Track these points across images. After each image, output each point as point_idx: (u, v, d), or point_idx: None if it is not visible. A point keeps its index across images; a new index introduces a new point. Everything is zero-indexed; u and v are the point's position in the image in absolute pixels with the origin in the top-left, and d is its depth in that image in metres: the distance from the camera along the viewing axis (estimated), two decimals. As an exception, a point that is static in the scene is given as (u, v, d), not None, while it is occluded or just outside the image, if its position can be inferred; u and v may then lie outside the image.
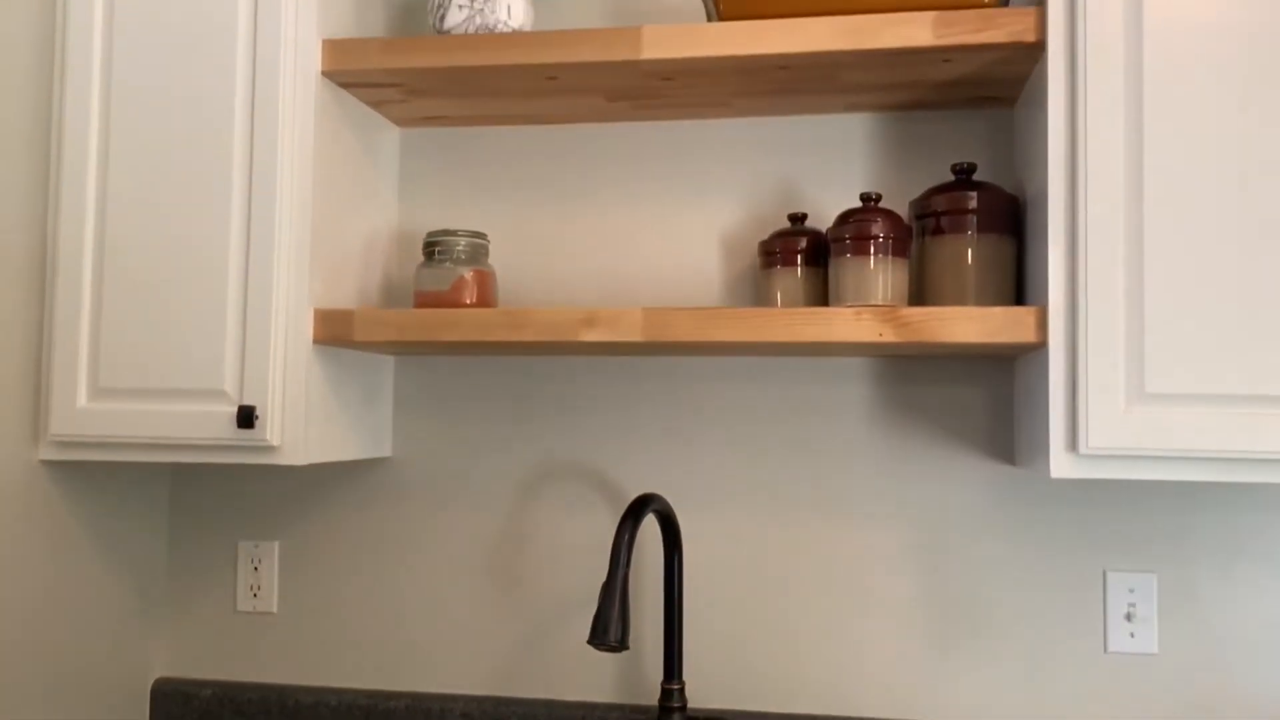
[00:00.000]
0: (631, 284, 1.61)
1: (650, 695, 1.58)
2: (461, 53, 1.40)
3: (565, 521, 1.61)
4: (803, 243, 1.43)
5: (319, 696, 1.64)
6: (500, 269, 1.65)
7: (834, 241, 1.37)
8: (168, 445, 1.39)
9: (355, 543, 1.67)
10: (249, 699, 1.66)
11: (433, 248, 1.46)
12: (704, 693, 1.56)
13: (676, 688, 1.46)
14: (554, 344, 1.37)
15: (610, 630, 1.26)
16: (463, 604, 1.63)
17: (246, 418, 1.34)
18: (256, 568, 1.69)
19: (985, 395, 1.52)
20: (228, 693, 1.67)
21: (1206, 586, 1.45)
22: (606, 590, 1.28)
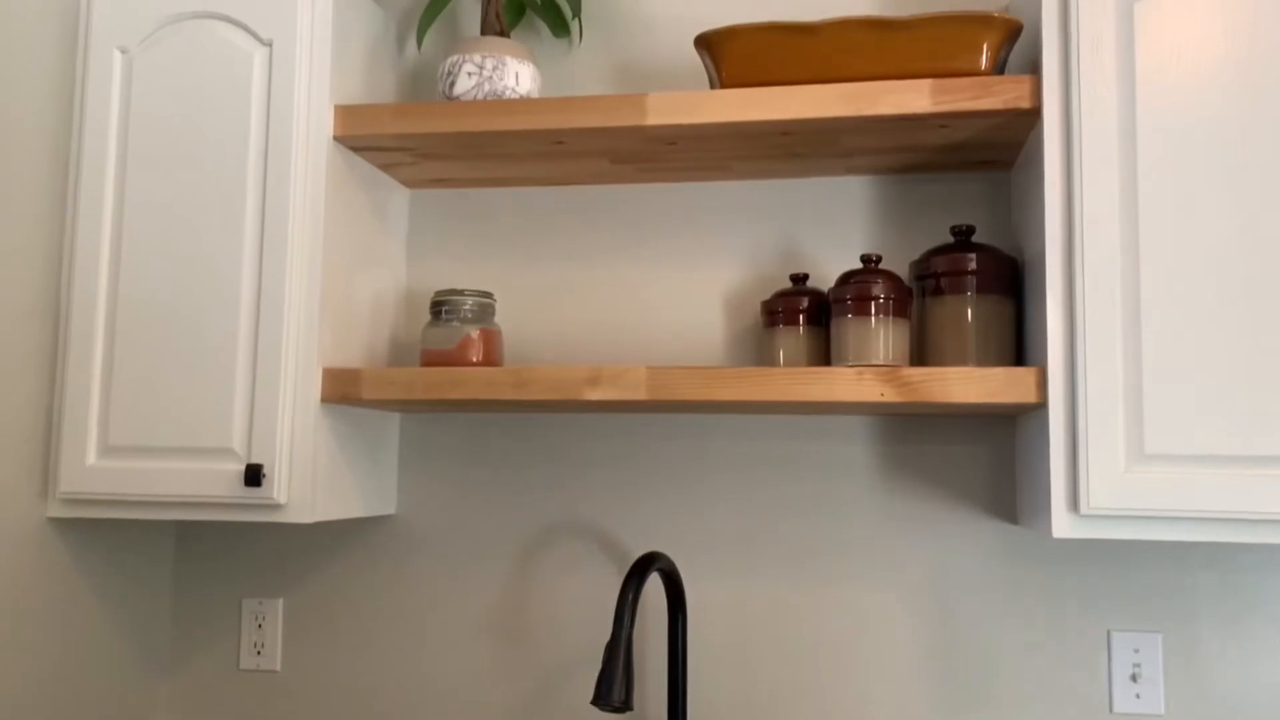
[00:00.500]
0: (636, 342, 1.63)
1: (654, 756, 1.57)
2: (471, 118, 1.43)
3: (569, 579, 1.62)
4: (804, 302, 1.45)
5: (321, 756, 1.63)
6: (506, 327, 1.67)
7: (835, 302, 1.39)
8: (175, 503, 1.40)
9: (359, 601, 1.67)
10: (250, 759, 1.65)
11: (440, 307, 1.48)
12: (708, 753, 1.56)
13: (680, 748, 1.45)
14: (559, 402, 1.39)
15: (614, 690, 1.26)
16: (466, 662, 1.63)
17: (254, 476, 1.35)
18: (260, 625, 1.69)
19: (987, 454, 1.52)
20: (229, 752, 1.66)
21: (1212, 646, 1.45)
22: (610, 650, 1.28)
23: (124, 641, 1.60)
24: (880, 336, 1.36)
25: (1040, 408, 1.28)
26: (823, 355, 1.44)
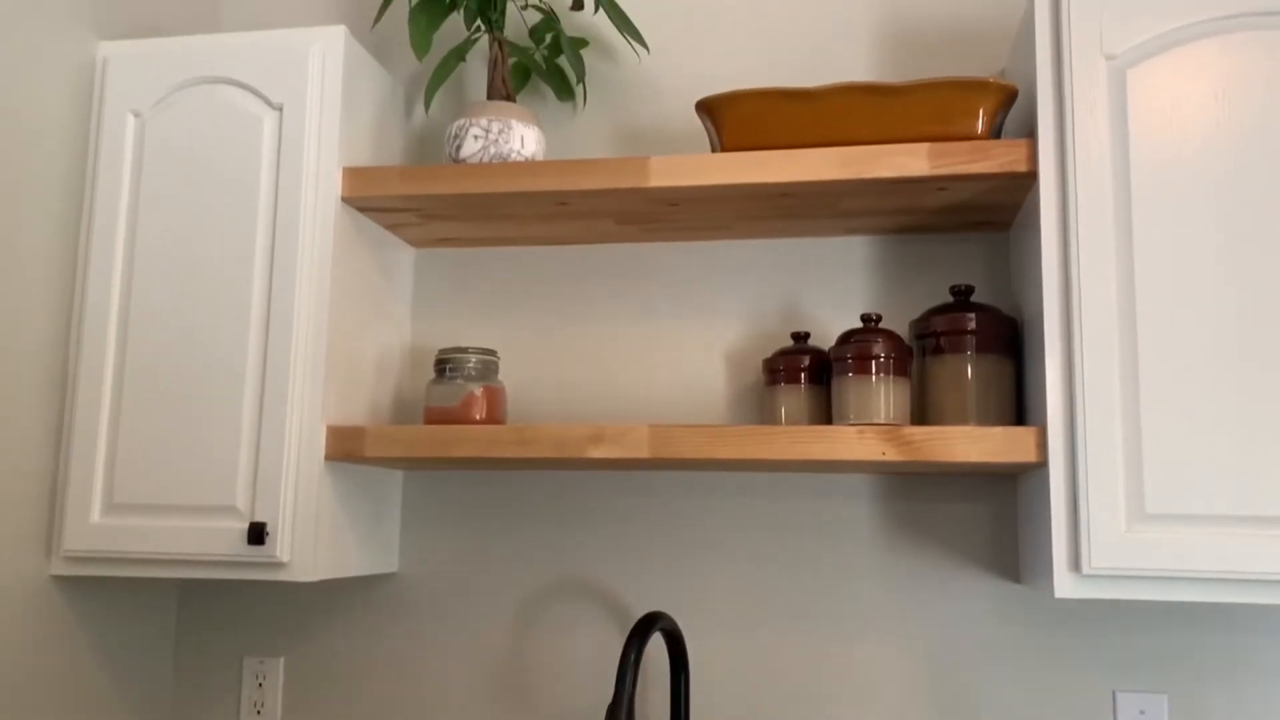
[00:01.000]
0: (639, 399, 1.64)
1: (656, 819, 1.55)
2: (477, 180, 1.46)
3: (571, 638, 1.61)
4: (805, 361, 1.46)
5: (319, 819, 1.61)
6: (510, 384, 1.68)
7: (836, 361, 1.40)
8: (179, 561, 1.41)
9: (361, 659, 1.66)
10: (248, 821, 1.63)
11: (444, 365, 1.50)
12: (711, 817, 1.54)
13: (683, 812, 1.43)
14: (562, 460, 1.40)
15: (616, 752, 1.25)
16: (467, 722, 1.62)
17: (257, 534, 1.36)
18: (261, 684, 1.68)
19: (988, 512, 1.53)
20: (227, 814, 1.64)
21: (1219, 707, 1.44)
22: (612, 712, 1.27)
23: (126, 699, 1.59)
24: (881, 395, 1.37)
25: (1041, 467, 1.28)
26: (824, 413, 1.45)
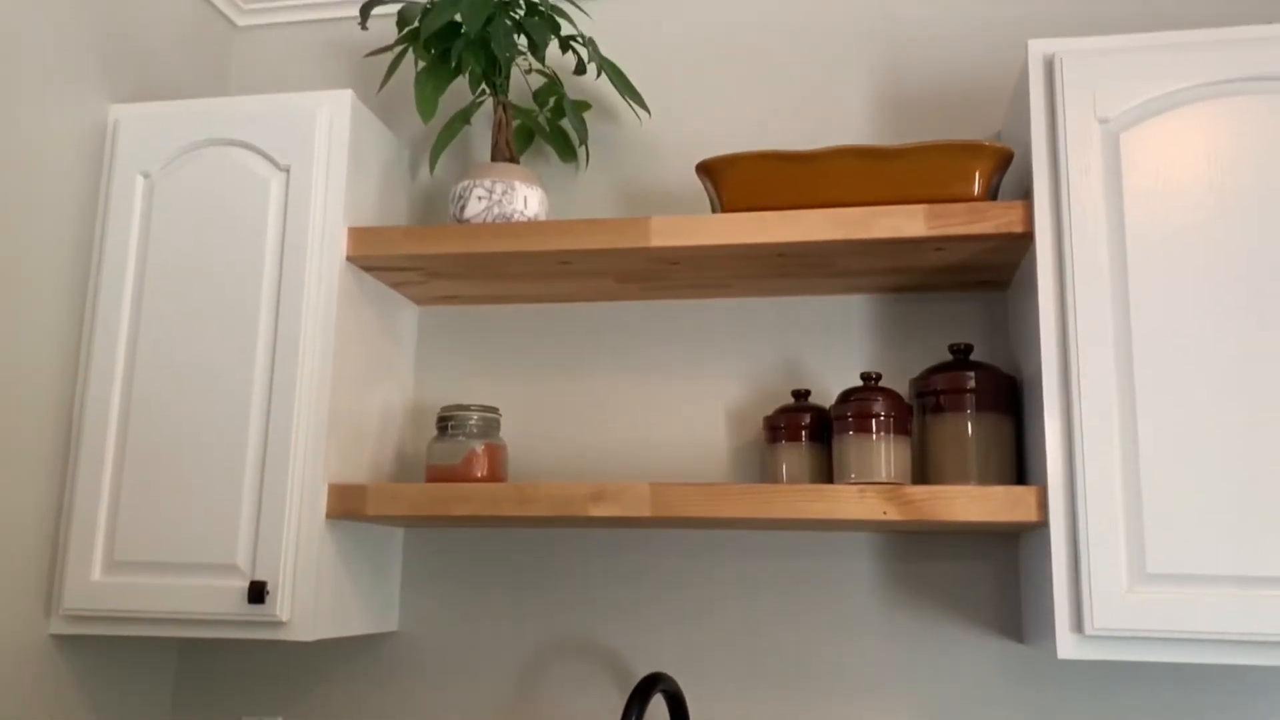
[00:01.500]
0: (640, 456, 1.64)
1: None
2: (481, 240, 1.47)
3: (572, 699, 1.60)
4: (806, 419, 1.47)
5: None
6: (512, 441, 1.68)
7: (837, 419, 1.41)
8: (179, 620, 1.40)
9: (360, 719, 1.65)
10: None
11: (446, 423, 1.50)
12: None
13: None
14: (563, 518, 1.40)
15: (616, 816, 1.23)
16: (466, 785, 1.60)
17: (258, 593, 1.35)
18: (258, 745, 1.67)
19: (991, 571, 1.52)
20: None
21: (1227, 771, 1.42)
22: (613, 773, 1.26)
23: (119, 762, 1.58)
24: (882, 454, 1.37)
25: (1042, 526, 1.28)
26: (825, 470, 1.45)
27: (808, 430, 1.46)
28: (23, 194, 1.43)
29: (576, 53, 1.64)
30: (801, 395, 1.51)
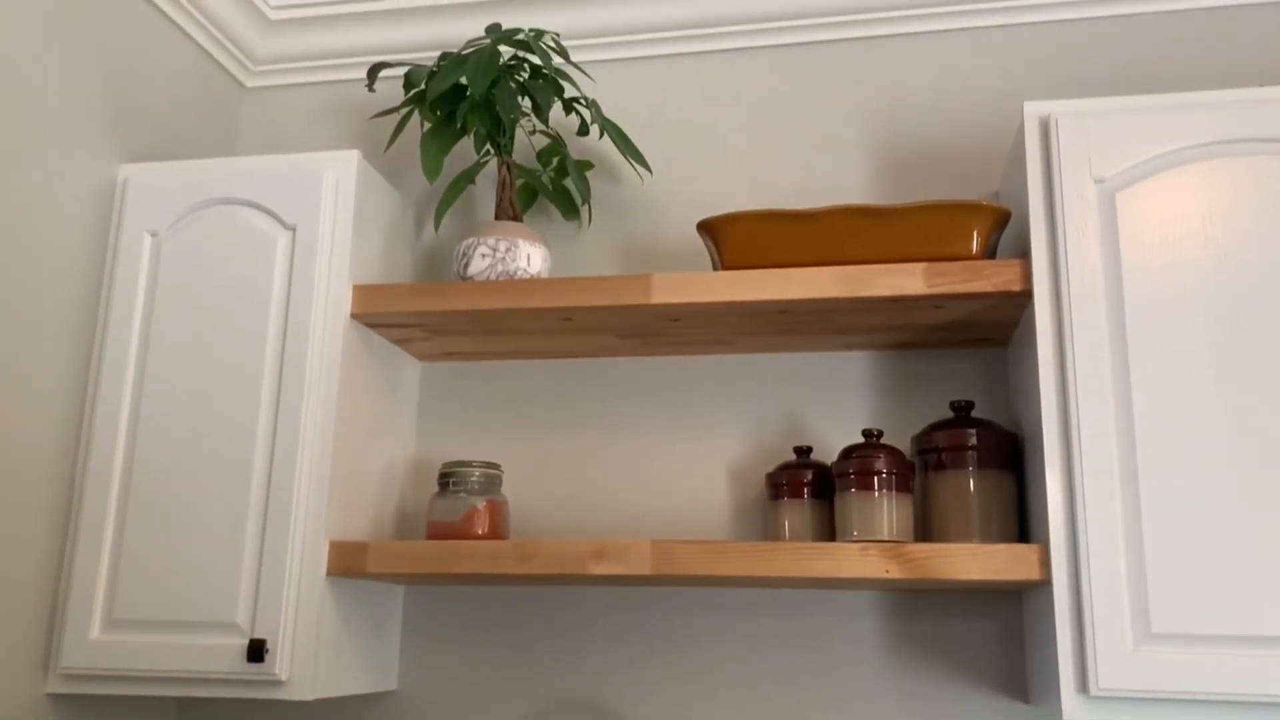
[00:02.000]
0: (642, 513, 1.64)
1: None
2: (484, 297, 1.49)
3: (573, 759, 1.58)
4: (808, 475, 1.46)
5: None
6: (513, 497, 1.68)
7: (839, 476, 1.41)
8: (177, 679, 1.39)
9: (357, 780, 1.63)
10: None
11: (447, 479, 1.50)
12: None
13: None
14: (564, 575, 1.39)
15: None
16: None
17: (257, 651, 1.34)
18: (254, 807, 1.64)
19: (995, 629, 1.51)
20: None
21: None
22: (613, 838, 1.24)
23: (114, 824, 1.56)
24: (884, 511, 1.37)
25: (1045, 585, 1.28)
26: (827, 527, 1.45)
27: (810, 487, 1.46)
28: (32, 251, 1.44)
29: (580, 114, 1.67)
30: (803, 452, 1.51)
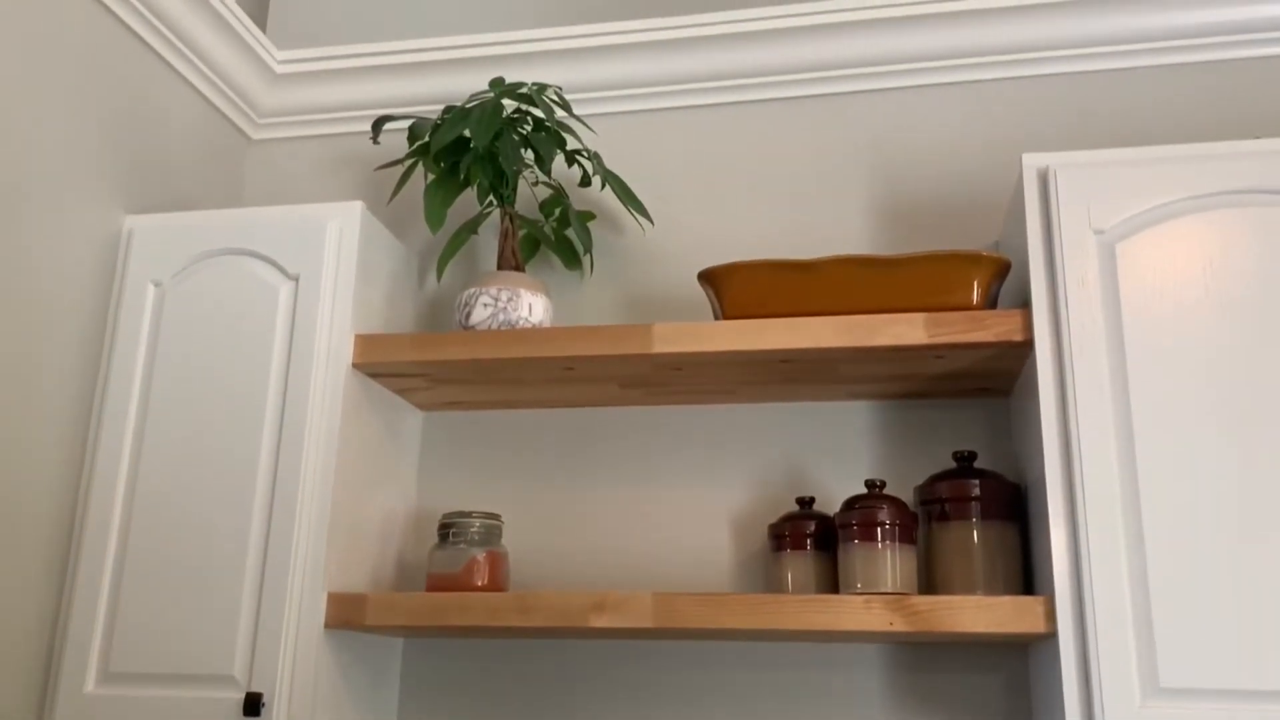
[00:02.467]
0: (643, 564, 1.62)
1: None
2: (486, 346, 1.49)
3: (573, 817, 1.55)
4: (811, 527, 1.45)
5: None
6: (514, 548, 1.67)
7: (841, 528, 1.40)
8: (171, 734, 1.37)
9: (353, 838, 1.60)
10: None
11: (447, 529, 1.49)
12: None
13: None
14: (563, 628, 1.38)
15: None
16: None
17: (253, 706, 1.33)
18: None
19: (1001, 683, 1.48)
20: None
21: None
22: None
23: None
24: (887, 563, 1.36)
25: (1051, 637, 1.26)
26: (831, 579, 1.44)
27: (812, 539, 1.45)
28: (36, 302, 1.45)
29: (582, 166, 1.68)
30: (806, 503, 1.50)
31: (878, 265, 1.41)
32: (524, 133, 1.61)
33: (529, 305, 1.55)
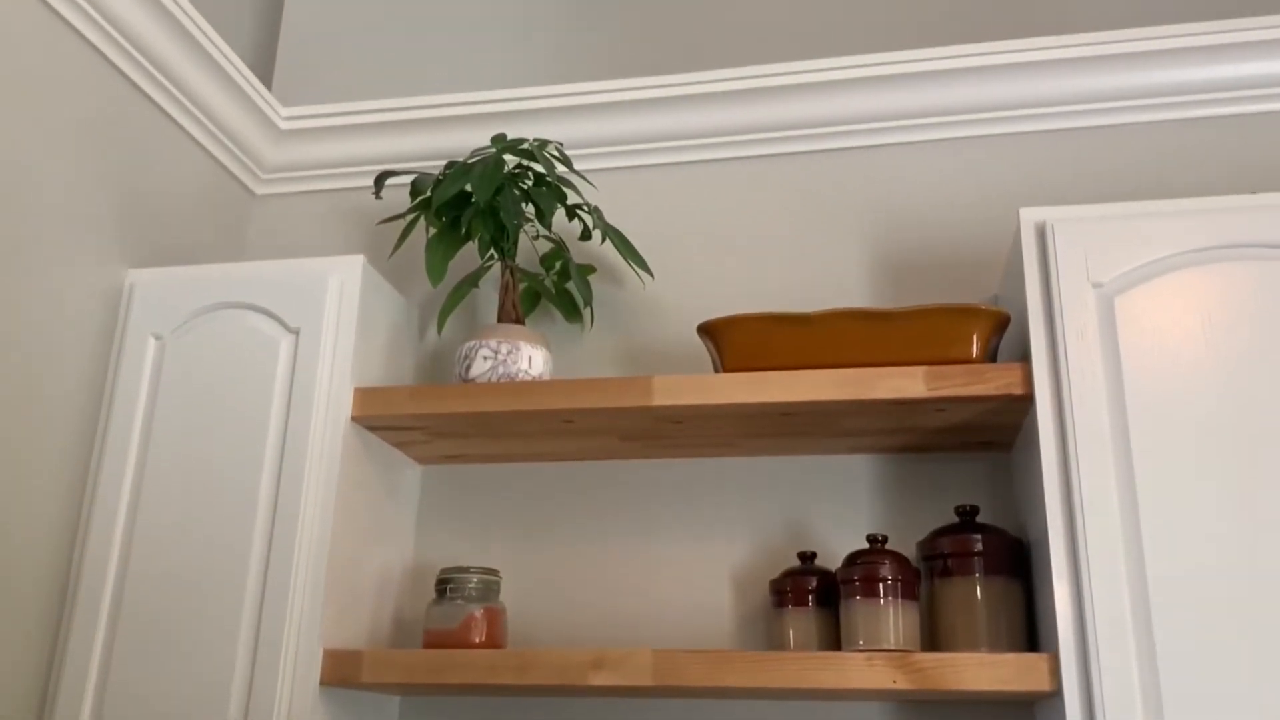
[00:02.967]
0: (643, 620, 1.60)
1: None
2: (485, 399, 1.49)
3: None
4: (813, 582, 1.44)
5: None
6: (512, 603, 1.65)
7: (843, 583, 1.38)
8: (161, 794, 1.35)
9: None
10: None
11: (445, 585, 1.48)
12: None
13: None
14: (562, 686, 1.36)
15: None
16: None
17: (245, 765, 1.30)
18: None
19: (1008, 743, 1.46)
20: None
21: None
22: None
23: None
24: (890, 619, 1.34)
25: (1056, 695, 1.24)
26: (833, 635, 1.42)
27: (814, 595, 1.43)
28: (37, 355, 1.45)
29: (582, 220, 1.69)
30: (808, 558, 1.49)
31: (878, 318, 1.41)
32: (525, 188, 1.62)
33: (529, 358, 1.55)
